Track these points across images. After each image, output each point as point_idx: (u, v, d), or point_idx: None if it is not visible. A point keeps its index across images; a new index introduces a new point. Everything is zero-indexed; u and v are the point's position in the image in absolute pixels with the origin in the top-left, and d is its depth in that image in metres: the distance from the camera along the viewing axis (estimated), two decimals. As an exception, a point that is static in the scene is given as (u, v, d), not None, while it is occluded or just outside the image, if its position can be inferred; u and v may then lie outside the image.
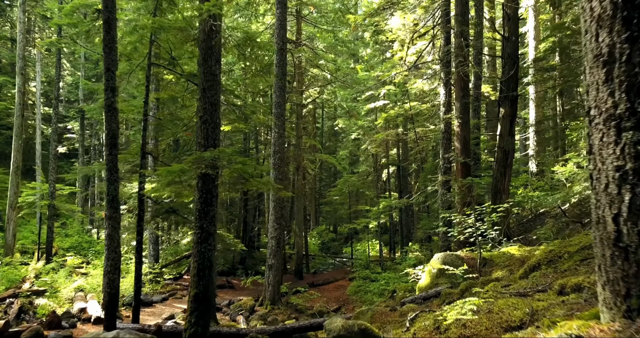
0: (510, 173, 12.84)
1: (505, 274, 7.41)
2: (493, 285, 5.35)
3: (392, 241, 27.89)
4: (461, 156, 12.76)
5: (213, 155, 6.56)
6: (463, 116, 12.91)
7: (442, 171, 13.42)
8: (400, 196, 25.11)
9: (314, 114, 34.25)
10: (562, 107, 23.79)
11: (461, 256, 8.65)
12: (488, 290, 5.08)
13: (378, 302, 15.23)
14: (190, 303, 6.76)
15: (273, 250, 14.58)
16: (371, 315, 7.44)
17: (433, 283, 8.65)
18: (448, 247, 12.86)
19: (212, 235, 7.00)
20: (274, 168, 14.72)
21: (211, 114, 7.16)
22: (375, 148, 25.44)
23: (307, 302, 16.18)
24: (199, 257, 6.88)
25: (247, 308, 13.90)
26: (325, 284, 20.41)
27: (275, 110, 14.85)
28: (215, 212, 7.10)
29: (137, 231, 9.16)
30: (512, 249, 8.75)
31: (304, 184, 24.23)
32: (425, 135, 23.04)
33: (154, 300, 14.37)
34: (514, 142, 12.78)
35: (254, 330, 8.32)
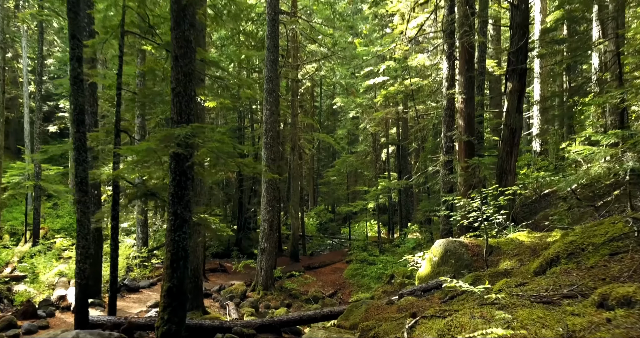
0: (517, 152, 12.03)
1: (514, 264, 6.68)
2: (505, 283, 4.60)
3: (391, 221, 27.26)
4: (465, 134, 11.93)
5: (185, 132, 5.75)
6: (467, 91, 12.03)
7: (444, 150, 12.60)
8: (400, 176, 24.35)
9: (312, 92, 33.21)
10: (568, 83, 22.83)
11: (465, 243, 7.92)
12: (501, 289, 4.33)
13: (375, 287, 14.66)
14: (163, 297, 6.05)
15: (266, 234, 13.89)
16: (365, 309, 6.74)
17: (434, 272, 7.95)
18: (449, 231, 12.15)
19: (187, 222, 6.24)
20: (266, 148, 13.90)
21: (185, 86, 6.31)
22: (374, 126, 24.53)
23: (301, 286, 15.59)
24: (173, 247, 6.14)
25: (238, 294, 13.29)
26: (321, 267, 19.83)
27: (267, 85, 13.95)
28: (191, 196, 6.33)
29: (111, 216, 8.40)
30: (521, 235, 8.02)
31: (300, 165, 23.44)
32: (426, 113, 22.14)
33: (142, 285, 13.74)
34: (521, 119, 11.93)
35: (238, 323, 7.65)
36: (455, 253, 7.76)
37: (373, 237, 27.05)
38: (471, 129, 12.11)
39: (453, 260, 7.72)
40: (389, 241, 23.73)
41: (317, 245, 28.17)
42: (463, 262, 7.61)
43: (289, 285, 14.92)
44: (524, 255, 6.94)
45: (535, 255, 6.79)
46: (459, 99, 12.32)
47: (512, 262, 6.79)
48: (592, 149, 6.83)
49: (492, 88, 22.47)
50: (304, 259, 21.91)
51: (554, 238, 7.20)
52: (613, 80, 15.68)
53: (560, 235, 7.06)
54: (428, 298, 6.74)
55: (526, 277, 5.17)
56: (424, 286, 7.27)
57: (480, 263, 7.47)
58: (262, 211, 13.96)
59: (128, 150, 5.58)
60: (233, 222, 28.67)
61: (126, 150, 5.68)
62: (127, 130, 8.78)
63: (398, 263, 15.70)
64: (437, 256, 8.03)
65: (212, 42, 24.42)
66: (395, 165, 28.03)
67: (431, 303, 6.41)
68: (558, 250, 5.03)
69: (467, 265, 7.55)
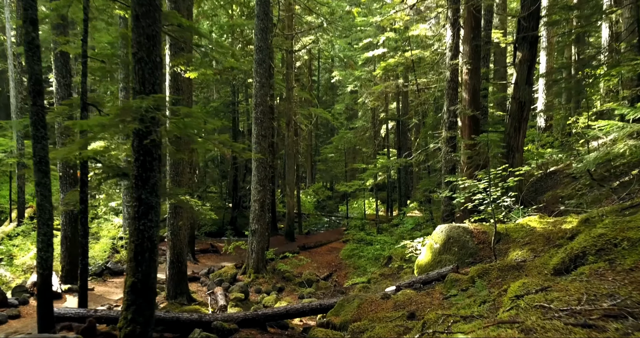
0: (525, 128, 11.17)
1: (526, 255, 5.91)
2: (522, 286, 3.82)
3: (390, 199, 26.55)
4: (469, 108, 11.04)
5: (146, 104, 4.88)
6: (473, 61, 11.06)
7: (447, 126, 11.73)
8: (400, 153, 23.50)
9: (310, 66, 32.02)
10: (577, 55, 21.73)
11: (469, 230, 7.15)
12: (518, 296, 3.55)
13: (372, 270, 14.04)
14: (126, 294, 5.31)
15: (257, 214, 13.13)
16: (358, 304, 6.01)
17: (435, 261, 7.20)
18: (451, 213, 11.40)
19: (153, 208, 5.44)
20: (256, 123, 13.01)
21: (148, 51, 5.40)
22: (373, 101, 23.54)
23: (295, 268, 14.96)
24: (137, 237, 5.36)
25: (227, 277, 12.63)
26: (317, 247, 19.20)
27: (257, 55, 12.95)
28: (158, 178, 5.50)
29: (80, 199, 7.60)
30: (532, 220, 7.24)
31: (296, 141, 22.55)
32: (428, 86, 21.11)
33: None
34: (531, 91, 11.03)
35: (219, 317, 6.95)
36: (458, 241, 7.00)
37: (371, 215, 26.41)
38: (476, 103, 11.20)
39: (456, 248, 6.97)
40: (387, 219, 23.07)
41: (314, 223, 27.56)
42: (467, 251, 6.86)
43: (282, 267, 14.28)
44: (537, 243, 6.17)
45: (549, 244, 6.02)
46: (463, 70, 11.36)
47: (524, 252, 6.02)
48: (617, 123, 5.98)
49: (497, 61, 21.40)
50: (299, 238, 21.28)
51: (570, 224, 6.42)
52: (628, 50, 14.66)
53: (578, 221, 6.29)
54: (428, 293, 6.00)
55: (545, 276, 4.39)
56: (423, 278, 6.53)
57: (487, 252, 6.72)
58: (253, 191, 13.17)
59: (77, 125, 4.73)
60: (228, 200, 27.98)
61: (74, 124, 4.81)
62: (97, 103, 7.88)
63: (396, 245, 15.03)
64: (439, 244, 7.27)
65: (204, 12, 23.15)
66: (394, 141, 27.13)
67: (432, 299, 5.68)
68: (584, 245, 4.24)
69: (472, 253, 6.80)
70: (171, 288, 10.07)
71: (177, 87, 9.90)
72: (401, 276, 11.94)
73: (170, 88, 9.90)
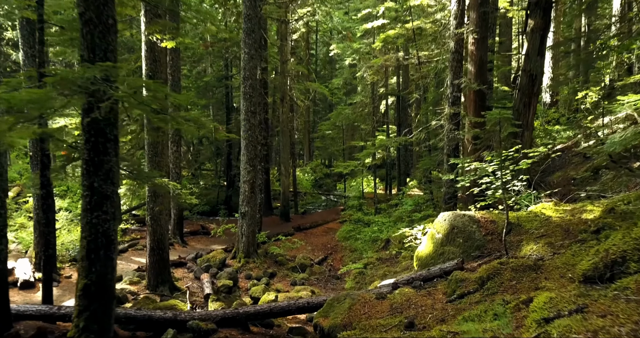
0: (536, 103, 10.31)
1: (543, 251, 5.14)
2: (549, 302, 3.04)
3: (389, 177, 25.77)
4: (475, 82, 10.12)
5: (91, 75, 4.01)
6: (480, 30, 10.08)
7: (450, 101, 10.81)
8: (399, 129, 22.60)
9: (307, 39, 30.74)
10: (587, 26, 20.57)
11: (476, 218, 6.37)
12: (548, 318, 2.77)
13: (369, 255, 13.36)
14: (78, 299, 4.57)
15: (246, 196, 12.36)
16: (349, 305, 5.27)
17: (437, 253, 6.45)
18: (453, 195, 10.62)
19: (109, 198, 4.64)
20: (245, 98, 12.09)
21: (98, 10, 4.49)
22: (373, 75, 22.44)
23: (288, 251, 14.29)
24: (90, 232, 4.58)
25: (216, 262, 11.95)
26: (313, 227, 18.52)
27: (246, 25, 11.92)
28: (114, 163, 4.68)
29: (40, 184, 6.79)
30: (546, 208, 6.45)
31: (291, 118, 21.61)
32: (429, 60, 20.03)
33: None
34: (543, 63, 10.09)
35: (196, 315, 6.25)
36: (464, 231, 6.22)
37: (369, 193, 25.69)
38: (483, 76, 10.28)
39: (461, 239, 6.20)
40: (386, 199, 22.35)
41: (311, 203, 26.88)
42: (474, 242, 6.09)
43: (275, 251, 13.60)
44: (554, 236, 5.39)
45: (569, 237, 5.24)
46: (469, 40, 10.38)
47: (540, 247, 5.25)
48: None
49: (502, 33, 20.27)
50: (295, 218, 20.60)
51: (591, 213, 5.63)
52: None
53: (601, 210, 5.50)
54: (429, 293, 5.26)
55: (574, 285, 3.61)
56: (424, 274, 5.78)
57: (495, 245, 5.95)
58: (242, 171, 12.35)
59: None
60: (223, 178, 27.21)
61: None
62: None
63: (394, 226, 14.33)
64: (441, 233, 6.50)
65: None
66: (394, 117, 26.20)
67: (434, 301, 4.93)
68: (624, 248, 3.45)
69: (479, 246, 6.04)
70: (152, 277, 9.38)
71: (154, 59, 8.96)
72: (399, 262, 11.27)
73: (147, 59, 8.97)
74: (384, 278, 10.53)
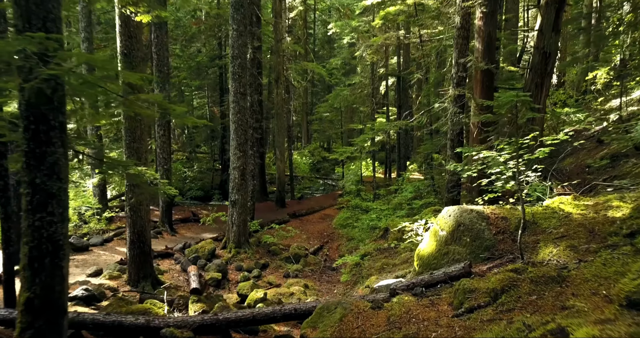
0: (549, 84, 9.51)
1: (565, 255, 4.44)
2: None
3: (388, 160, 25.01)
4: (483, 60, 9.29)
5: (21, 47, 3.24)
6: (489, 3, 9.19)
7: (455, 82, 10.00)
8: (400, 111, 21.76)
9: (305, 18, 29.59)
10: (599, 2, 19.53)
11: (485, 214, 5.65)
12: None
13: (367, 246, 12.70)
14: (20, 314, 3.90)
15: (237, 183, 11.66)
16: (341, 317, 4.59)
17: (441, 253, 5.76)
18: (457, 184, 9.90)
19: (55, 197, 3.91)
20: (234, 79, 11.26)
21: (34, -31, 3.70)
22: (372, 54, 21.46)
23: (283, 240, 13.65)
24: (32, 236, 3.87)
25: (205, 253, 11.31)
26: (309, 214, 17.87)
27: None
28: (61, 155, 3.94)
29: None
30: (565, 203, 5.73)
31: (286, 99, 20.74)
32: (431, 38, 19.05)
33: (92, 242, 11.72)
34: (558, 40, 9.25)
35: (171, 321, 5.60)
36: (471, 229, 5.52)
37: (368, 177, 24.99)
38: (491, 55, 9.44)
39: (468, 239, 5.50)
40: (385, 183, 21.67)
41: (308, 187, 26.19)
42: (482, 242, 5.39)
43: (268, 240, 12.96)
44: (578, 238, 4.68)
45: (596, 240, 4.54)
46: (477, 14, 9.50)
47: (560, 250, 4.55)
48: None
49: (508, 9, 19.24)
50: (291, 204, 19.94)
51: (618, 211, 4.92)
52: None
53: (631, 207, 4.77)
54: (433, 303, 4.58)
55: (614, 309, 2.91)
56: (426, 278, 5.09)
57: (507, 245, 5.25)
58: (232, 157, 11.61)
59: None
60: (218, 161, 26.47)
61: None
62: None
63: (394, 215, 13.67)
64: (446, 231, 5.80)
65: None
66: (394, 99, 25.30)
67: (438, 314, 4.25)
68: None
69: (489, 246, 5.34)
70: (133, 272, 8.73)
71: (129, 35, 8.13)
72: (399, 252, 10.61)
73: (122, 35, 8.13)
74: (381, 272, 9.90)
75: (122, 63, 8.18)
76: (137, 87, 8.10)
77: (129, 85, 8.00)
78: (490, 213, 5.68)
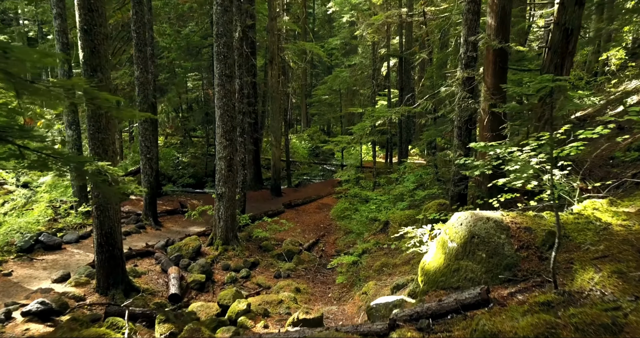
0: (571, 65, 8.40)
1: (611, 286, 3.46)
2: None
3: (389, 144, 23.97)
4: (497, 38, 8.17)
5: None
6: (504, -28, 8.04)
7: (463, 63, 8.90)
8: (402, 94, 20.64)
9: (304, -5, 28.24)
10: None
11: (504, 224, 4.67)
12: None
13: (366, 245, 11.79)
14: None
15: (223, 175, 10.68)
16: (327, 360, 3.65)
17: (450, 269, 4.80)
18: (465, 176, 8.89)
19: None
20: (219, 60, 10.17)
21: None
22: (373, 33, 20.21)
23: (275, 234, 12.76)
24: None
25: (189, 251, 10.40)
26: (305, 203, 16.96)
27: (217, -31, 9.86)
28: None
29: None
30: (599, 208, 4.74)
31: (282, 82, 19.59)
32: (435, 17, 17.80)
33: (67, 239, 10.80)
34: (581, 15, 8.12)
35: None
36: (488, 242, 4.54)
37: (368, 162, 23.98)
38: (505, 32, 8.31)
39: (484, 254, 4.53)
40: (386, 169, 20.69)
41: (306, 173, 25.22)
42: (502, 259, 4.42)
43: (260, 234, 12.05)
44: (625, 260, 3.70)
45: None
46: (490, -15, 8.36)
47: (604, 277, 3.57)
48: None
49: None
50: (287, 192, 19.01)
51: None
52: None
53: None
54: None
55: None
56: (433, 307, 4.13)
57: (533, 265, 4.28)
58: (218, 146, 10.60)
59: None
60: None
61: None
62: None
63: (394, 207, 12.71)
64: (456, 242, 4.83)
65: None
66: (396, 81, 24.11)
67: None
68: None
69: (510, 265, 4.37)
70: (101, 278, 7.82)
71: (89, 8, 7.03)
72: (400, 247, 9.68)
73: (80, 9, 7.04)
74: (380, 274, 8.99)
75: (82, 41, 7.12)
76: (98, 68, 7.08)
77: (90, 66, 6.95)
78: (511, 222, 4.70)
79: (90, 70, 7.25)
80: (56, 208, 12.03)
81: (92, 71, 7.26)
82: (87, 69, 7.26)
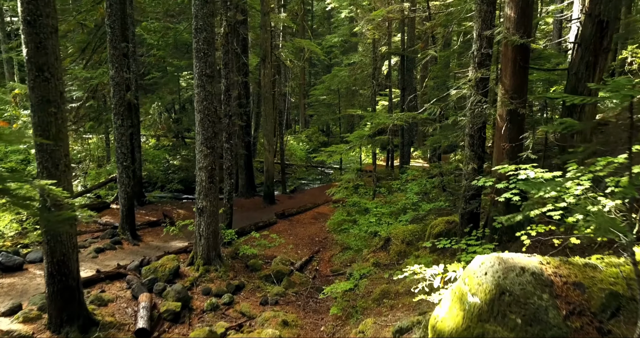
0: (605, 64, 7.23)
1: None
2: None
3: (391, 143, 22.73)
4: (517, 32, 6.99)
5: None
6: (526, -45, 6.86)
7: (477, 62, 7.73)
8: (403, 94, 19.48)
9: (302, -9, 27.05)
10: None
11: (544, 278, 3.49)
12: None
13: (364, 254, 10.65)
14: None
15: (204, 187, 9.51)
16: None
17: (472, 334, 3.62)
18: (477, 193, 7.71)
19: None
20: (198, 57, 9.00)
21: None
22: (373, 30, 19.02)
23: (265, 251, 11.61)
24: None
25: (165, 273, 9.23)
26: (300, 213, 15.80)
27: (196, -45, 8.68)
28: None
29: None
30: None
31: (276, 81, 18.40)
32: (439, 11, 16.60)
33: (30, 258, 9.62)
34: (620, 5, 6.95)
35: None
36: (524, 304, 3.38)
37: (368, 164, 22.81)
38: (527, 25, 7.13)
39: (519, 319, 3.37)
40: (387, 174, 19.52)
41: (304, 177, 24.05)
42: (545, 330, 3.25)
43: (247, 251, 10.88)
44: None
45: None
46: (508, -29, 7.18)
47: None
48: None
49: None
50: (282, 199, 17.84)
51: None
52: None
53: None
54: None
55: None
56: None
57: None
58: (197, 155, 9.43)
59: None
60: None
61: None
62: None
63: (396, 221, 11.54)
64: (479, 297, 3.66)
65: None
66: (398, 80, 22.94)
67: None
68: None
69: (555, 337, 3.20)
70: (53, 313, 6.67)
71: None
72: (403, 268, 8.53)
73: (22, -4, 5.88)
74: (380, 306, 7.80)
75: (25, 35, 5.96)
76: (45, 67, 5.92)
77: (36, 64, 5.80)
78: (554, 275, 3.52)
79: (35, 69, 6.09)
80: (22, 221, 10.89)
81: (38, 70, 6.10)
82: (31, 68, 6.10)
